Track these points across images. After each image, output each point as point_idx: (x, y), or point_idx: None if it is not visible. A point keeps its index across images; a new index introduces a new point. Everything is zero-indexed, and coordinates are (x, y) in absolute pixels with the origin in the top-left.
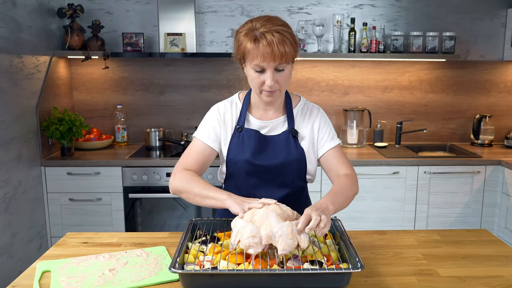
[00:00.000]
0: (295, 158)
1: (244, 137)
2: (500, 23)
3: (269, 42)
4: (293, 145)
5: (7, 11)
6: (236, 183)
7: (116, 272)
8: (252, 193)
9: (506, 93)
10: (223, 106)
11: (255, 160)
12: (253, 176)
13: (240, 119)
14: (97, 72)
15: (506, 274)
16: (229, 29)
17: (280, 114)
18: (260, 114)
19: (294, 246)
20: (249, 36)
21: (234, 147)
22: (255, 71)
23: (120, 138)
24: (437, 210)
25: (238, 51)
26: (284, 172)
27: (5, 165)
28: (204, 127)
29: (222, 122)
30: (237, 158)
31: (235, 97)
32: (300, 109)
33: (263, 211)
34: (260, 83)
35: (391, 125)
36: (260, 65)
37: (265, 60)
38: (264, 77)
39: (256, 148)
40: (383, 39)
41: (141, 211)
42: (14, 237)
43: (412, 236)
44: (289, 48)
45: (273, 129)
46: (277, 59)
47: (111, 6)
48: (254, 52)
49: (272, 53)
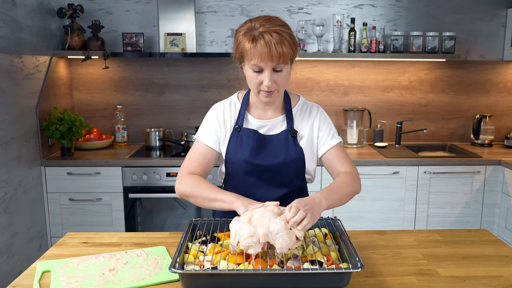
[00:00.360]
0: (294, 158)
1: (243, 136)
2: (500, 23)
3: (267, 42)
4: (292, 144)
5: (7, 11)
6: (235, 182)
7: (116, 272)
8: (251, 193)
9: (506, 93)
10: (222, 106)
11: (253, 160)
12: (252, 176)
13: (238, 119)
14: (97, 72)
15: (506, 274)
16: (229, 29)
17: (279, 113)
18: (259, 114)
19: (291, 242)
20: (248, 35)
21: (232, 147)
22: (253, 71)
23: (120, 138)
24: (437, 210)
25: (237, 51)
26: (283, 171)
27: (5, 165)
28: (205, 128)
29: (222, 122)
30: (235, 158)
31: (234, 97)
32: (299, 108)
33: (260, 211)
34: (258, 83)
35: (391, 125)
36: (258, 65)
37: (262, 60)
38: (262, 77)
39: (255, 148)
40: (383, 39)
41: (141, 211)
42: (14, 237)
43: (412, 236)
44: (287, 48)
45: (272, 129)
46: (274, 59)
47: (111, 6)
48: (252, 52)
49: (269, 53)
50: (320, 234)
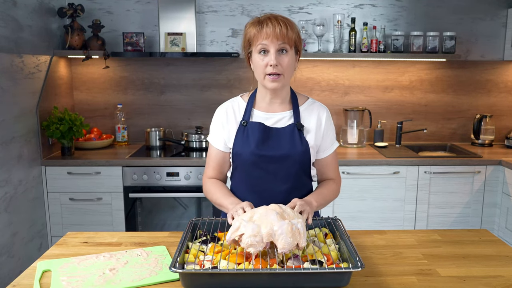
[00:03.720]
0: (300, 150)
1: (249, 130)
2: (500, 23)
3: (273, 24)
4: (297, 137)
5: (7, 11)
6: (241, 175)
7: (116, 272)
8: (257, 186)
9: (507, 93)
10: (225, 106)
11: (259, 151)
12: (258, 168)
13: (245, 115)
14: (97, 72)
15: (506, 274)
16: (230, 29)
17: (286, 108)
18: (266, 107)
19: (293, 245)
20: (254, 23)
21: (239, 140)
22: (260, 54)
23: (121, 138)
24: (438, 210)
25: (245, 41)
26: (288, 163)
27: (6, 164)
28: (212, 131)
29: (226, 121)
30: (242, 151)
31: (237, 97)
32: (307, 106)
33: (262, 210)
34: (264, 66)
35: (391, 125)
36: (263, 44)
37: (267, 38)
38: (267, 59)
39: (260, 139)
40: (384, 39)
41: (142, 210)
42: (15, 237)
43: (413, 236)
44: (291, 32)
45: (278, 122)
46: (279, 38)
47: (112, 5)
48: (257, 35)
49: (274, 32)
50: (320, 234)
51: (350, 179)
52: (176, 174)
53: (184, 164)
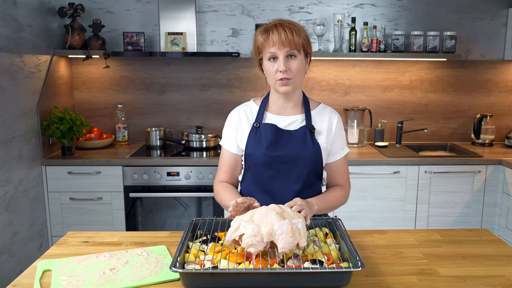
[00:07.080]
0: (311, 151)
1: (262, 131)
2: (501, 22)
3: (279, 31)
4: (309, 139)
5: (7, 10)
6: (253, 176)
7: (116, 271)
8: (268, 186)
9: (507, 93)
10: (238, 110)
11: (271, 152)
12: (270, 168)
13: (258, 117)
14: (97, 71)
15: (506, 273)
16: (230, 29)
17: (298, 112)
18: (278, 110)
19: (293, 244)
20: (262, 31)
21: (251, 141)
22: (270, 61)
23: (121, 137)
24: (438, 210)
25: (255, 49)
26: (300, 164)
27: (6, 164)
28: (225, 135)
29: (239, 124)
30: (254, 151)
31: (249, 101)
32: (318, 110)
33: (262, 210)
34: (275, 72)
35: (391, 125)
36: (272, 51)
37: (274, 45)
38: (277, 65)
39: (273, 140)
40: (384, 38)
41: (142, 210)
42: (15, 236)
43: (413, 236)
44: (298, 37)
45: (290, 125)
46: (285, 45)
47: (112, 5)
48: (265, 43)
49: (280, 39)
50: (321, 234)
51: (351, 179)
52: (177, 174)
53: (185, 163)
